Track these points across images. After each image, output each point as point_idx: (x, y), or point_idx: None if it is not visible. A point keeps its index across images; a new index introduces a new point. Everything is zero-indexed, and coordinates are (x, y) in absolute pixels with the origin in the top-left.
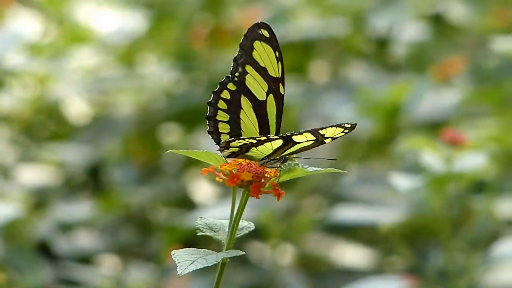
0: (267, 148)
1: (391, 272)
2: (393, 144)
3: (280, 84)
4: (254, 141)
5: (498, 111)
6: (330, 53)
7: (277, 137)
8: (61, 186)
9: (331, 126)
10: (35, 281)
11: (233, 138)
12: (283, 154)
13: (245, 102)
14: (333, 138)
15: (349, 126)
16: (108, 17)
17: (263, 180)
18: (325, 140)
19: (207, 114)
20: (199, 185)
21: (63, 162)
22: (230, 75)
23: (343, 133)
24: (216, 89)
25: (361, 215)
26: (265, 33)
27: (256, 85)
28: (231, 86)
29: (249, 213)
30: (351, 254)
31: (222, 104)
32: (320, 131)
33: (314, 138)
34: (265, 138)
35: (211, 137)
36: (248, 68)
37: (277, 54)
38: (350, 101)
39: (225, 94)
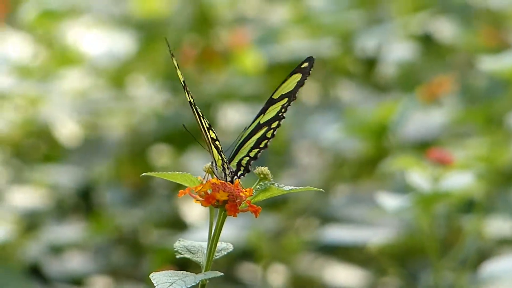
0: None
1: None
2: (381, 164)
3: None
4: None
5: (486, 131)
6: (319, 74)
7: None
8: (52, 208)
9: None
10: None
11: None
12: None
13: None
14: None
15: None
16: (97, 39)
17: (238, 199)
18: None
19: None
20: (190, 206)
21: (54, 184)
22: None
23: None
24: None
25: (351, 235)
26: None
27: None
28: None
29: (240, 233)
30: (343, 275)
31: None
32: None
33: None
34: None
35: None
36: None
37: None
38: (339, 121)
39: None
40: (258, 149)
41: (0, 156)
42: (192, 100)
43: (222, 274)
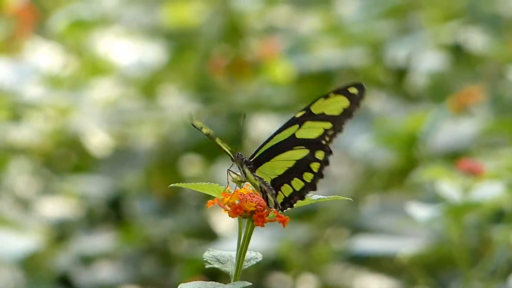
0: None
1: None
2: (412, 174)
3: None
4: None
5: None
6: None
7: None
8: (82, 218)
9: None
10: None
11: None
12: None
13: None
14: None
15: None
16: (128, 49)
17: (266, 209)
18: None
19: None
20: (220, 216)
21: (84, 194)
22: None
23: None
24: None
25: (381, 245)
26: None
27: None
28: None
29: (269, 244)
30: (373, 285)
31: None
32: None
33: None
34: None
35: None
36: None
37: None
38: (369, 131)
39: None
40: (302, 181)
41: (31, 166)
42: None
43: (251, 284)
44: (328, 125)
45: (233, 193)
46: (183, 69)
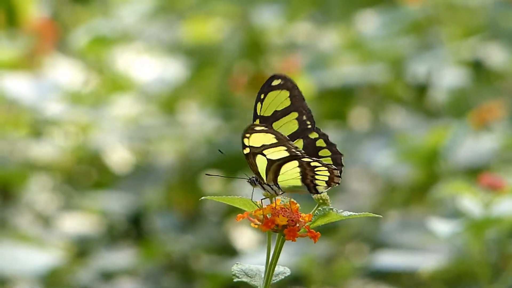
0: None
1: None
2: (432, 190)
3: None
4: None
5: None
6: (370, 100)
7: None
8: (103, 234)
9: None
10: None
11: None
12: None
13: None
14: None
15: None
16: (148, 65)
17: (297, 224)
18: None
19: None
20: (240, 232)
21: (105, 211)
22: None
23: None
24: None
25: (402, 261)
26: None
27: None
28: None
29: (290, 259)
30: None
31: None
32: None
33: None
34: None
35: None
36: None
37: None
38: (390, 147)
39: None
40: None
41: (51, 183)
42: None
43: None
44: (294, 115)
45: (266, 207)
46: (204, 85)
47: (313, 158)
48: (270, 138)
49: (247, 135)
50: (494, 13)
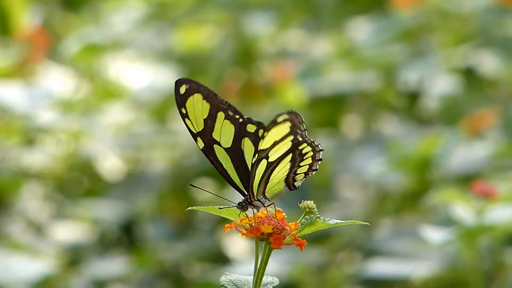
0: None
1: None
2: (425, 197)
3: None
4: None
5: None
6: (362, 107)
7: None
8: (95, 242)
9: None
10: None
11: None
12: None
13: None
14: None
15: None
16: (140, 73)
17: (283, 232)
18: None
19: None
20: (233, 240)
21: (97, 219)
22: None
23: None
24: None
25: (394, 269)
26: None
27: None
28: None
29: (282, 268)
30: None
31: None
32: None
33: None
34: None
35: None
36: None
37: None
38: (382, 155)
39: None
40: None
41: (43, 190)
42: None
43: None
44: (221, 115)
45: (251, 216)
46: None
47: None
48: (284, 129)
49: (267, 133)
50: (486, 21)
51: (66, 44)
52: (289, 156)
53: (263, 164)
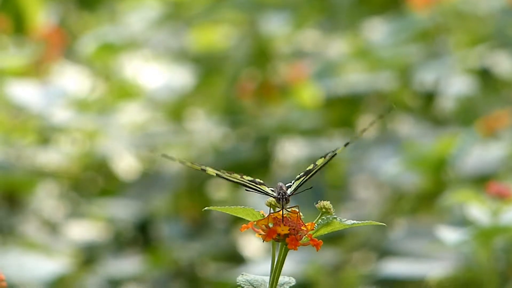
0: None
1: None
2: (440, 198)
3: None
4: None
5: None
6: (378, 107)
7: None
8: (110, 241)
9: None
10: None
11: None
12: None
13: None
14: None
15: None
16: (155, 73)
17: (300, 233)
18: None
19: None
20: (248, 240)
21: (112, 218)
22: None
23: None
24: None
25: (409, 269)
26: None
27: None
28: None
29: (297, 268)
30: None
31: None
32: None
33: None
34: None
35: None
36: None
37: None
38: (397, 155)
39: None
40: None
41: (58, 190)
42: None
43: None
44: None
45: (267, 217)
46: (211, 93)
47: None
48: None
49: None
50: (501, 21)
51: (82, 43)
52: None
53: None
